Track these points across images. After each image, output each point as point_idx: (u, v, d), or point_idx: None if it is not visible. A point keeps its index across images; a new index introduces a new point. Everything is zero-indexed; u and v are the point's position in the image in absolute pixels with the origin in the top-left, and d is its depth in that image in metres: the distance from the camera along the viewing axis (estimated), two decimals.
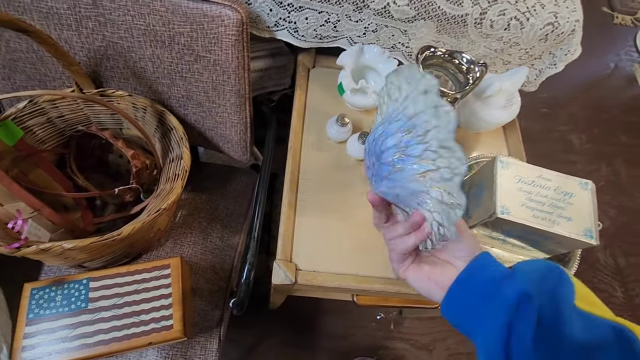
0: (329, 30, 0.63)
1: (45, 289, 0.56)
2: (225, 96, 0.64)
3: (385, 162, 0.34)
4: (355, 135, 0.62)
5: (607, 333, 0.29)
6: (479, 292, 0.32)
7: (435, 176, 0.31)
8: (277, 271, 0.52)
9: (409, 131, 0.32)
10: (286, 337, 1.06)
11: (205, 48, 0.59)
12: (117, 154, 0.78)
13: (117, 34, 0.60)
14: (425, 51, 0.49)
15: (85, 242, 0.50)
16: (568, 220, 0.43)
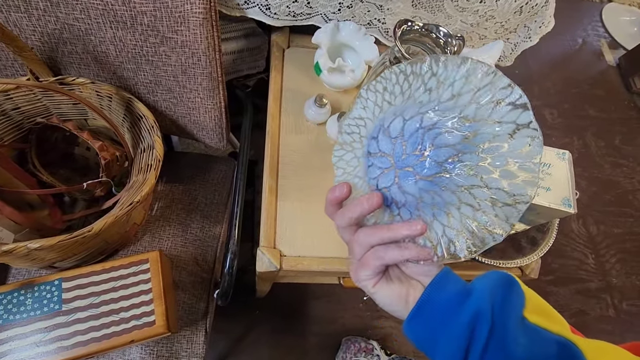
0: (302, 7, 0.60)
1: (13, 293, 0.52)
2: (197, 80, 0.61)
3: (437, 160, 0.28)
4: (334, 116, 0.60)
5: (551, 349, 0.28)
6: (437, 318, 0.31)
7: (482, 194, 0.27)
8: (261, 258, 0.50)
9: (468, 138, 0.27)
10: (275, 324, 1.05)
11: (171, 28, 0.55)
12: (84, 146, 0.73)
13: (72, 15, 0.55)
14: (403, 25, 0.48)
15: (53, 241, 0.47)
16: (547, 190, 0.43)
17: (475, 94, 0.28)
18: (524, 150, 0.27)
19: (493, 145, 0.27)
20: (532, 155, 0.26)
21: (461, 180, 0.28)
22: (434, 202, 0.29)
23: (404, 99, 0.33)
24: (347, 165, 0.36)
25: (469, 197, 0.28)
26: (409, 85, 0.32)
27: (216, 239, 0.74)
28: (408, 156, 0.30)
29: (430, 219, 0.30)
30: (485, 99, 0.28)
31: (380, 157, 0.32)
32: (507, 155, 0.27)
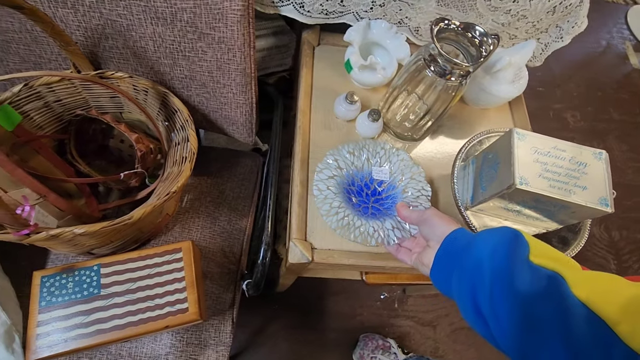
0: (335, 5, 0.61)
1: (55, 276, 0.55)
2: (231, 75, 0.62)
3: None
4: (364, 113, 0.61)
5: (544, 282, 0.34)
6: (449, 264, 0.41)
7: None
8: (294, 250, 0.52)
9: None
10: (293, 319, 1.07)
11: (210, 25, 0.57)
12: (119, 139, 0.76)
13: (115, 11, 0.57)
14: (440, 23, 0.48)
15: (96, 227, 0.49)
16: (583, 189, 0.43)
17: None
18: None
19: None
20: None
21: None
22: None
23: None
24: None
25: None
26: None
27: (242, 231, 0.76)
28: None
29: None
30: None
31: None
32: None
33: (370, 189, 0.60)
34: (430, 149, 0.66)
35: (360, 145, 0.59)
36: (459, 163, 0.56)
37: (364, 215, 0.56)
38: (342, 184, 0.57)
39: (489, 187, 0.48)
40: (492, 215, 0.53)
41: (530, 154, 0.44)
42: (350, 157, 0.58)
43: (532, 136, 0.46)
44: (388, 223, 0.53)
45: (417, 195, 0.57)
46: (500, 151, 0.47)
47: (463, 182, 0.55)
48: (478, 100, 0.65)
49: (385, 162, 0.58)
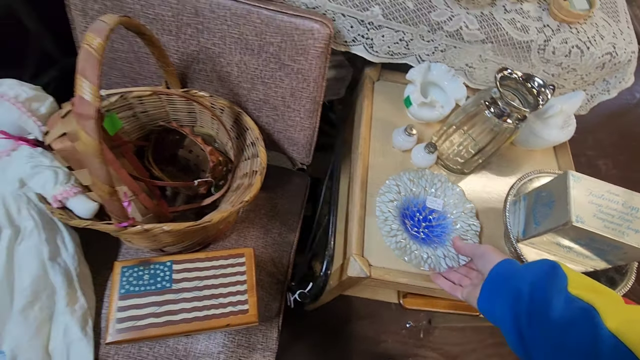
0: (401, 48, 0.68)
1: (134, 267, 0.60)
2: (301, 102, 0.69)
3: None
4: (421, 145, 0.67)
5: (579, 311, 0.36)
6: (494, 292, 0.45)
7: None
8: (353, 265, 0.56)
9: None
10: (318, 338, 1.09)
11: (292, 58, 0.64)
12: (187, 149, 0.83)
13: (211, 41, 0.66)
14: (503, 71, 0.54)
15: (182, 226, 0.55)
16: (636, 232, 0.47)
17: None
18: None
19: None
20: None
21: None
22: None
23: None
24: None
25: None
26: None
27: (290, 245, 0.80)
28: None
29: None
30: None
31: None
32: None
33: (423, 215, 0.64)
34: (478, 183, 0.70)
35: (420, 175, 0.64)
36: (510, 198, 0.60)
37: (417, 240, 0.61)
38: (400, 207, 0.62)
39: (543, 222, 0.52)
40: (543, 250, 0.56)
41: (585, 196, 0.48)
42: (409, 183, 0.63)
43: (587, 179, 0.50)
44: (440, 251, 0.58)
45: (466, 229, 0.61)
46: (556, 190, 0.51)
47: (514, 217, 0.59)
48: (527, 142, 0.70)
49: (441, 194, 0.63)
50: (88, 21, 0.64)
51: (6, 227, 0.57)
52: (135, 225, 0.53)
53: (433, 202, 0.63)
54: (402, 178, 0.63)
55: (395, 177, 0.63)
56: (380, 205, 0.60)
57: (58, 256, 0.60)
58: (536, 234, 0.53)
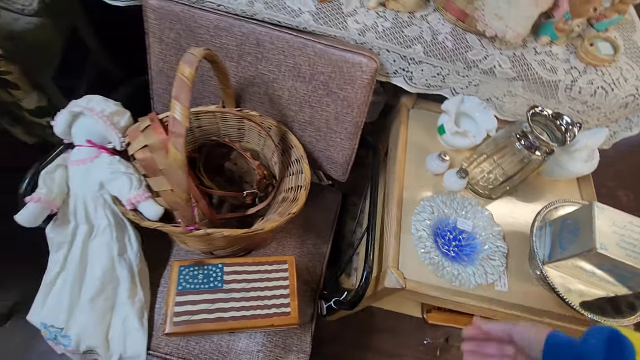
0: (437, 81, 0.75)
1: (190, 267, 0.67)
2: (344, 125, 0.76)
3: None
4: (453, 171, 0.72)
5: None
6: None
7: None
8: (390, 276, 0.61)
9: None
10: (338, 349, 1.13)
11: (339, 86, 0.72)
12: (233, 162, 0.91)
13: (267, 68, 0.74)
14: (534, 108, 0.60)
15: (239, 232, 0.62)
16: None
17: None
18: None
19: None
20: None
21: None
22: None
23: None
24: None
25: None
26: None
27: (323, 256, 0.86)
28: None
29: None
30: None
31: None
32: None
33: (453, 235, 0.69)
34: (504, 208, 0.75)
35: (452, 198, 0.70)
36: (537, 224, 0.65)
37: (448, 257, 0.66)
38: (432, 226, 0.67)
39: (568, 248, 0.57)
40: (567, 274, 0.61)
41: (609, 226, 0.53)
42: (442, 205, 0.69)
43: (610, 210, 0.55)
44: (469, 269, 0.63)
45: (494, 250, 0.66)
46: (581, 219, 0.56)
47: (540, 241, 0.64)
48: (552, 173, 0.75)
49: (471, 216, 0.69)
50: (163, 47, 0.73)
51: (83, 223, 0.65)
52: (199, 229, 0.60)
53: (463, 223, 0.68)
54: (436, 200, 0.69)
55: (429, 198, 0.69)
56: (416, 223, 0.66)
57: (125, 253, 0.67)
58: (562, 258, 0.57)
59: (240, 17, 0.70)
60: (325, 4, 0.70)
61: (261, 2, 0.68)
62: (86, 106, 0.64)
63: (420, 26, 0.71)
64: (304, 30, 0.70)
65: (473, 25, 0.69)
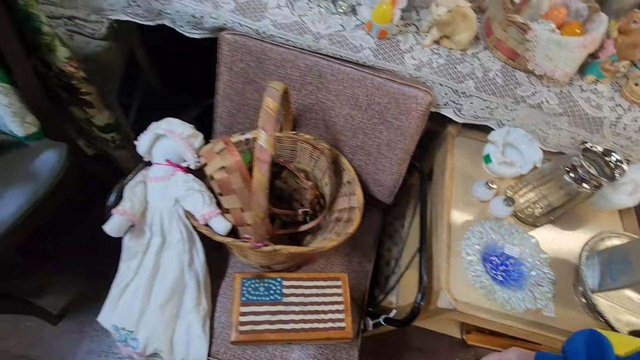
0: (485, 113, 0.80)
1: (251, 280, 0.72)
2: (395, 152, 0.81)
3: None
4: (499, 198, 0.76)
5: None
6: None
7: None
8: (443, 297, 0.65)
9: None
10: None
11: (394, 116, 0.77)
12: (283, 180, 0.97)
13: (326, 97, 0.80)
14: (585, 144, 0.64)
15: (302, 250, 0.67)
16: None
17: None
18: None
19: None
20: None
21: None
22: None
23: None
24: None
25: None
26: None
27: (367, 274, 0.90)
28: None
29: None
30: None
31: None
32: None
33: (500, 260, 0.73)
34: (548, 235, 0.78)
35: (499, 224, 0.73)
36: (584, 253, 0.68)
37: (496, 281, 0.69)
38: (481, 251, 0.71)
39: (619, 279, 0.60)
40: (615, 303, 0.63)
41: None
42: (490, 231, 0.73)
43: None
44: (519, 294, 0.66)
45: (542, 277, 0.70)
46: (632, 252, 0.59)
47: (588, 270, 0.67)
48: (596, 204, 0.78)
49: (518, 242, 0.72)
50: (232, 76, 0.80)
51: (158, 235, 0.71)
52: (267, 245, 0.65)
53: (511, 249, 0.72)
54: (484, 226, 0.73)
55: (478, 224, 0.73)
56: (466, 248, 0.69)
57: (193, 263, 0.73)
58: (612, 288, 0.60)
59: (305, 50, 0.76)
60: (384, 40, 0.76)
61: (326, 39, 0.75)
62: (168, 129, 0.71)
63: (472, 63, 0.76)
64: (364, 64, 0.76)
65: (523, 64, 0.74)
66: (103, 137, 1.04)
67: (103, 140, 1.06)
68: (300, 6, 0.77)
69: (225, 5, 0.75)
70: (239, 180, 0.67)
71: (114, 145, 1.08)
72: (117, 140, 1.07)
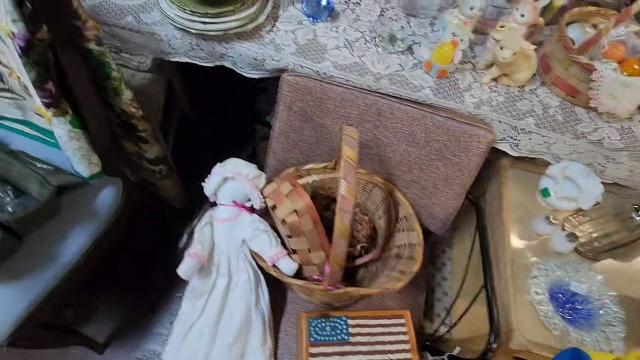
0: (543, 148, 0.80)
1: (317, 319, 0.73)
2: (452, 187, 0.82)
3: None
4: (562, 234, 0.76)
5: None
6: None
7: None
8: (517, 339, 0.65)
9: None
10: None
11: (453, 153, 0.78)
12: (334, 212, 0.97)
13: (383, 134, 0.81)
14: None
15: (373, 291, 0.67)
16: None
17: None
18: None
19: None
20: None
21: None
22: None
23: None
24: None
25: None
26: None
27: (421, 306, 0.90)
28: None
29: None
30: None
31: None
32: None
33: (566, 298, 0.73)
34: (611, 271, 0.78)
35: (564, 261, 0.73)
36: None
37: (565, 320, 0.69)
38: (549, 289, 0.71)
39: None
40: None
41: None
42: (556, 269, 0.72)
43: None
44: (593, 335, 0.66)
45: (613, 317, 0.69)
46: None
47: None
48: None
49: (585, 280, 0.72)
50: (290, 115, 0.82)
51: (224, 276, 0.72)
52: (339, 288, 0.66)
53: (577, 287, 0.72)
54: (550, 263, 0.73)
55: (543, 262, 0.73)
56: (534, 287, 0.69)
57: (259, 303, 0.74)
58: None
59: (365, 90, 0.77)
60: (444, 80, 0.77)
61: (386, 79, 0.76)
62: (235, 171, 0.72)
63: (531, 100, 0.77)
64: (423, 103, 0.77)
65: (584, 101, 0.74)
66: (152, 169, 1.06)
67: (150, 172, 1.07)
68: (358, 47, 0.79)
69: (287, 48, 0.77)
70: (310, 223, 0.68)
71: (160, 176, 1.10)
72: (163, 172, 1.08)
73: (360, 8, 0.85)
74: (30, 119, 0.85)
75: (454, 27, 0.73)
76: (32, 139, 0.88)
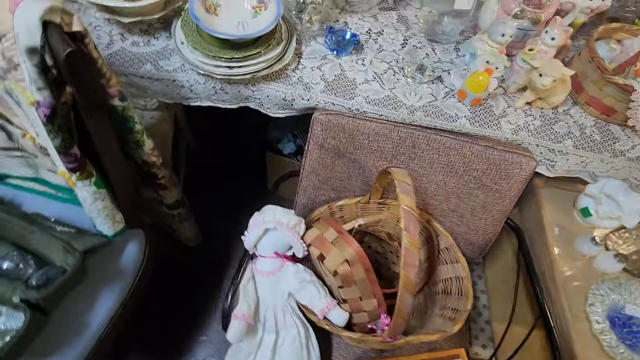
0: (579, 167, 0.79)
1: None
2: (491, 213, 0.80)
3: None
4: (609, 254, 0.75)
5: None
6: None
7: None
8: None
9: None
10: None
11: (493, 181, 0.76)
12: (367, 245, 0.94)
13: (419, 165, 0.79)
14: None
15: (431, 338, 0.64)
16: None
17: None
18: None
19: None
20: None
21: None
22: None
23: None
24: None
25: None
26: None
27: (466, 339, 0.88)
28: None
29: None
30: None
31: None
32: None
33: (622, 321, 0.71)
34: None
35: (617, 284, 0.72)
36: None
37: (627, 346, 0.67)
38: (607, 316, 0.69)
39: None
40: None
41: None
42: (610, 292, 0.71)
43: None
44: None
45: None
46: None
47: None
48: None
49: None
50: (323, 153, 0.78)
51: (271, 332, 0.68)
52: (399, 339, 0.62)
53: (633, 309, 0.70)
54: (603, 287, 0.71)
55: (596, 286, 0.71)
56: (593, 316, 0.68)
57: (310, 357, 0.70)
58: None
59: (398, 123, 0.75)
60: (478, 107, 0.75)
61: (421, 111, 0.74)
62: (276, 220, 0.68)
63: (567, 122, 0.76)
64: (460, 132, 0.75)
65: (620, 119, 0.74)
66: (171, 214, 1.01)
67: (169, 216, 1.02)
68: (387, 78, 0.76)
69: (316, 86, 0.74)
70: (362, 271, 0.65)
71: (179, 219, 1.04)
72: (182, 214, 1.03)
73: (383, 37, 0.83)
74: (42, 176, 0.80)
75: (487, 54, 0.72)
76: (43, 196, 0.82)
